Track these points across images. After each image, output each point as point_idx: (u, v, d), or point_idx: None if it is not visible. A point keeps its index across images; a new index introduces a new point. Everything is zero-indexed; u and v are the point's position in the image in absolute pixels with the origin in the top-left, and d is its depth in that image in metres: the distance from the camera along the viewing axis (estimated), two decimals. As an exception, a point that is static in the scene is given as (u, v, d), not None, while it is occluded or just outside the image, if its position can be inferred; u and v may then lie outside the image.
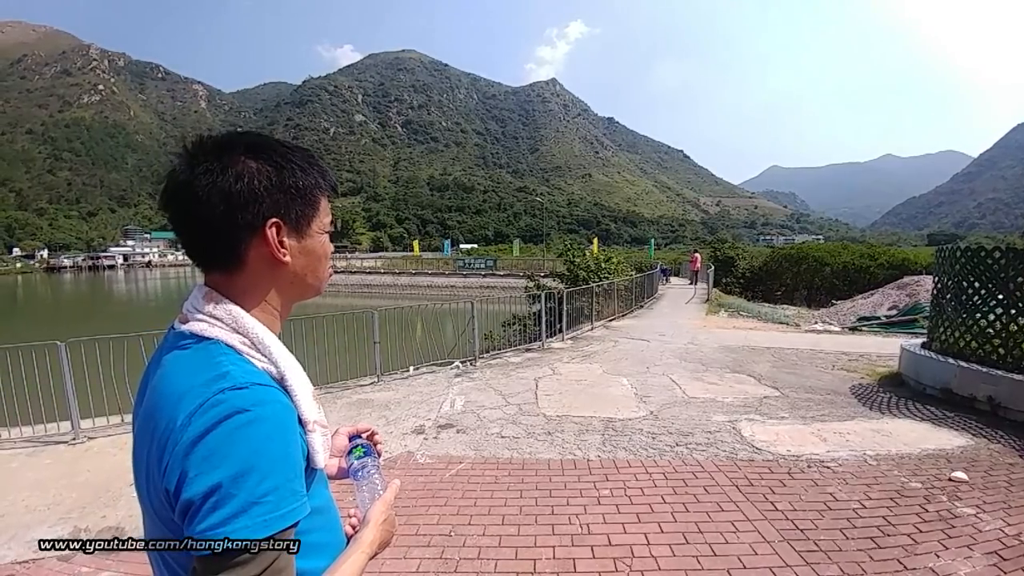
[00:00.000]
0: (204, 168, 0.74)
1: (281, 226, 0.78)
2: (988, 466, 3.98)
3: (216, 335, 0.76)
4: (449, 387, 6.42)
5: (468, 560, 2.83)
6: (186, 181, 0.75)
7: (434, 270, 41.96)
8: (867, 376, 6.88)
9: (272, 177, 0.77)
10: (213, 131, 0.89)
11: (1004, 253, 5.62)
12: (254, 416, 0.67)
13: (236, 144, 0.78)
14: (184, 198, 0.75)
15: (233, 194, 0.74)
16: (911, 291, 13.23)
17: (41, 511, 3.57)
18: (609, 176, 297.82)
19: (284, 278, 0.82)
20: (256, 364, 0.76)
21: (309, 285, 0.86)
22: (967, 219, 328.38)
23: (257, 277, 0.80)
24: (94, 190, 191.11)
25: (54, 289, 61.17)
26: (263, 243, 0.77)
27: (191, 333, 0.75)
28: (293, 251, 0.81)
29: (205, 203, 0.74)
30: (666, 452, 4.31)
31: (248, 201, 0.75)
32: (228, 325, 0.77)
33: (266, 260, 0.79)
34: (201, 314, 0.77)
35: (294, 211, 0.80)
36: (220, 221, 0.75)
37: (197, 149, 0.77)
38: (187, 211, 0.75)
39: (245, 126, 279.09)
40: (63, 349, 4.90)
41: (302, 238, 0.82)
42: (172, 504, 0.66)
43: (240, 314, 0.78)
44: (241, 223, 0.75)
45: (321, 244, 0.85)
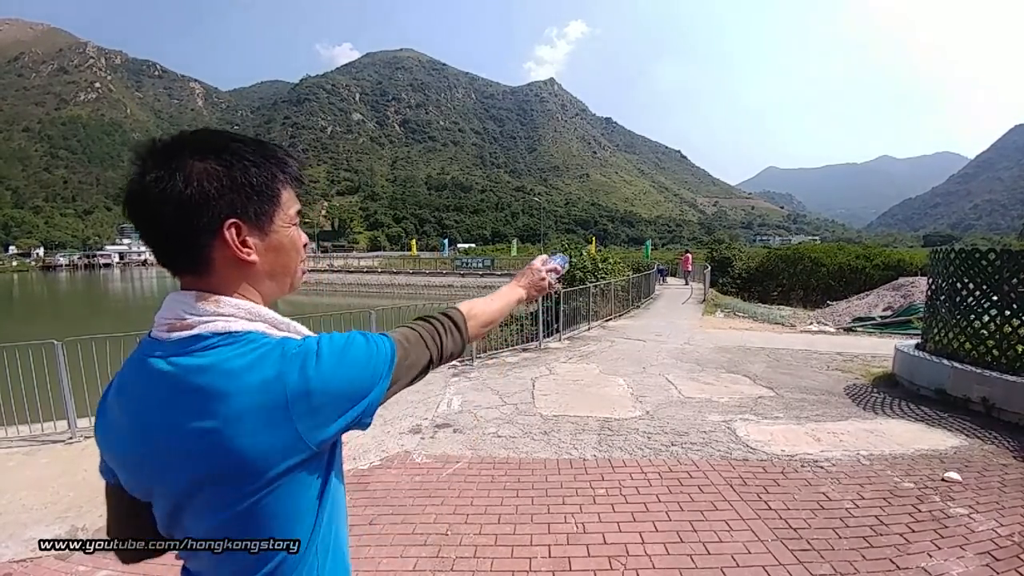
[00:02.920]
0: (154, 175, 0.73)
1: (241, 225, 0.77)
2: (981, 467, 4.01)
3: (242, 327, 0.76)
4: (446, 387, 6.43)
5: (464, 559, 2.85)
6: (139, 190, 0.74)
7: (432, 270, 41.91)
8: (862, 376, 6.92)
9: (223, 177, 0.75)
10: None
11: (999, 255, 5.65)
12: (323, 336, 0.79)
13: (183, 146, 0.76)
14: (140, 206, 0.75)
15: (184, 199, 0.73)
16: (906, 292, 13.26)
17: (38, 510, 3.57)
18: (607, 176, 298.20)
19: (255, 276, 0.81)
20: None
21: (283, 280, 0.85)
22: (963, 220, 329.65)
23: (227, 278, 0.79)
24: (90, 188, 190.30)
25: (50, 288, 60.95)
26: (225, 245, 0.76)
27: (213, 333, 0.74)
28: (258, 249, 0.79)
29: (160, 211, 0.73)
30: (661, 452, 4.33)
31: (201, 205, 0.74)
32: (243, 316, 0.77)
33: (231, 261, 0.78)
34: (207, 315, 0.75)
35: (251, 208, 0.78)
36: (178, 227, 0.74)
37: (147, 155, 0.76)
38: (145, 219, 0.75)
39: (242, 124, 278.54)
40: (59, 348, 4.90)
41: (266, 234, 0.80)
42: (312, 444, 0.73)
43: (244, 303, 0.78)
44: (199, 227, 0.74)
45: (288, 238, 0.83)
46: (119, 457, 0.79)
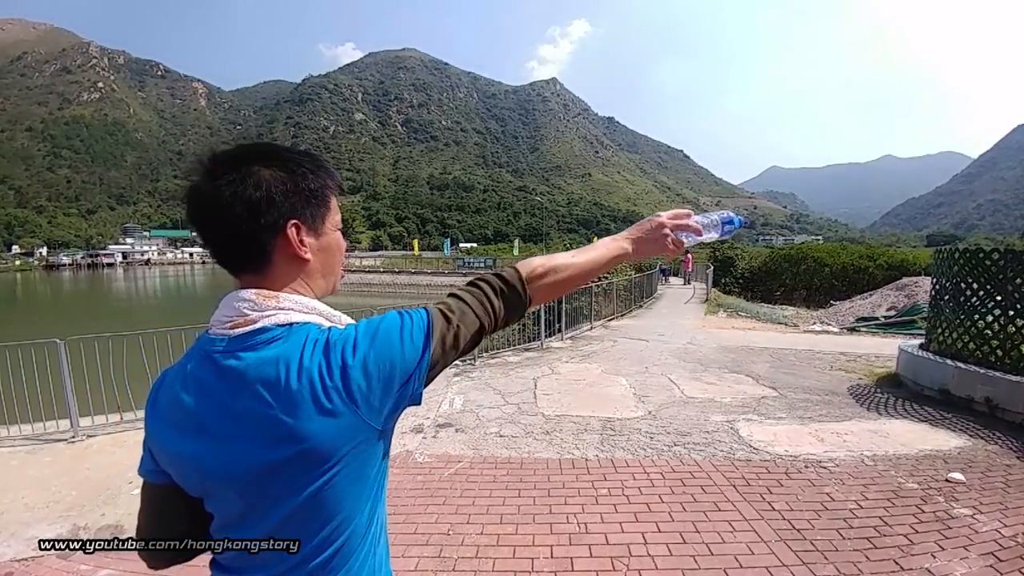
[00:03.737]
0: (225, 180, 0.80)
1: (300, 226, 0.85)
2: (985, 467, 3.99)
3: (300, 319, 0.82)
4: (448, 386, 6.43)
5: (466, 559, 2.84)
6: (211, 194, 0.80)
7: (433, 269, 41.97)
8: (865, 377, 6.89)
9: (287, 182, 0.84)
10: (212, 129, 0.92)
11: (1003, 255, 5.63)
12: (369, 320, 0.84)
13: (250, 155, 0.84)
14: (211, 209, 0.81)
15: (254, 201, 0.80)
16: (910, 292, 13.23)
17: (40, 509, 3.58)
18: (609, 176, 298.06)
19: (309, 273, 0.88)
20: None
21: (328, 279, 0.92)
22: (966, 220, 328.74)
23: (284, 275, 0.86)
24: (93, 188, 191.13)
25: (53, 287, 61.12)
26: (286, 243, 0.83)
27: (276, 325, 0.81)
28: (312, 248, 0.87)
29: (230, 212, 0.80)
30: (664, 452, 4.32)
31: (269, 206, 0.81)
32: (300, 309, 0.83)
33: (290, 258, 0.85)
34: (269, 310, 0.81)
35: (309, 211, 0.86)
36: (246, 226, 0.80)
37: (215, 163, 0.82)
38: (214, 221, 0.81)
39: (245, 124, 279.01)
40: (62, 347, 4.91)
41: (319, 236, 0.88)
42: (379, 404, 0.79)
43: (300, 298, 0.85)
44: (265, 226, 0.81)
45: (336, 240, 0.92)
46: (180, 454, 0.82)
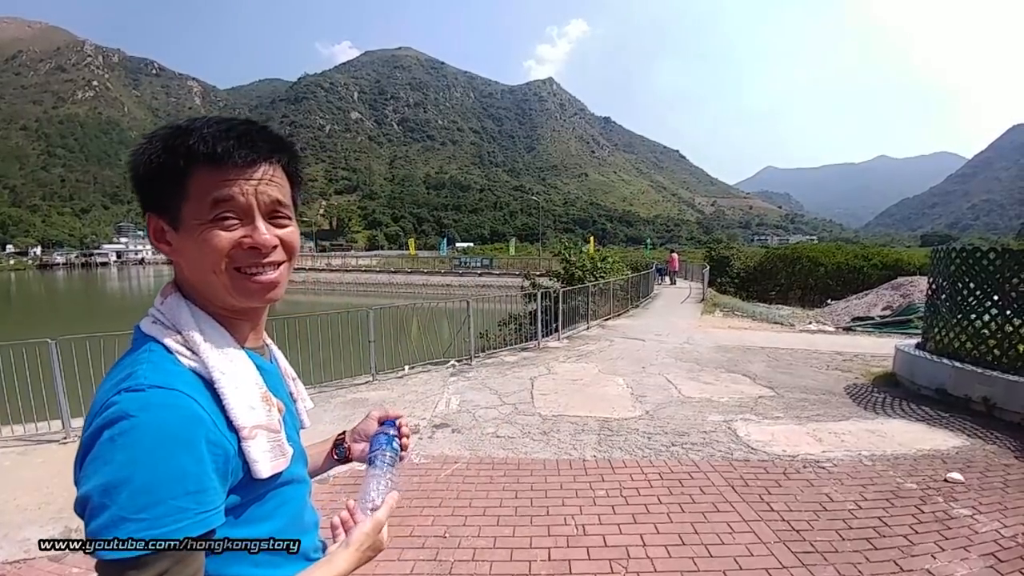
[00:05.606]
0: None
1: (153, 218, 0.72)
2: (984, 467, 3.99)
3: (153, 332, 0.71)
4: (445, 386, 6.40)
5: (463, 562, 2.81)
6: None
7: (430, 269, 41.87)
8: (862, 376, 6.90)
9: (139, 163, 0.72)
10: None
11: (999, 254, 5.65)
12: (136, 423, 0.62)
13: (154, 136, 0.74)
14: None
15: (137, 187, 0.73)
16: (905, 291, 13.27)
17: (33, 511, 3.53)
18: (605, 176, 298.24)
19: (183, 278, 0.75)
20: (182, 362, 0.69)
21: (205, 289, 0.73)
22: (961, 220, 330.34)
23: (177, 268, 0.75)
24: (87, 187, 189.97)
25: (47, 286, 60.76)
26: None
27: (136, 327, 0.73)
28: (177, 247, 0.72)
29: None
30: (662, 452, 4.30)
31: (136, 190, 0.73)
32: (164, 320, 0.72)
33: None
34: (152, 309, 0.74)
35: (162, 201, 0.71)
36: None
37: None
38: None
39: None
40: (54, 347, 4.85)
41: (178, 231, 0.71)
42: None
43: (175, 308, 0.72)
44: (148, 217, 0.73)
45: (203, 239, 0.69)
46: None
